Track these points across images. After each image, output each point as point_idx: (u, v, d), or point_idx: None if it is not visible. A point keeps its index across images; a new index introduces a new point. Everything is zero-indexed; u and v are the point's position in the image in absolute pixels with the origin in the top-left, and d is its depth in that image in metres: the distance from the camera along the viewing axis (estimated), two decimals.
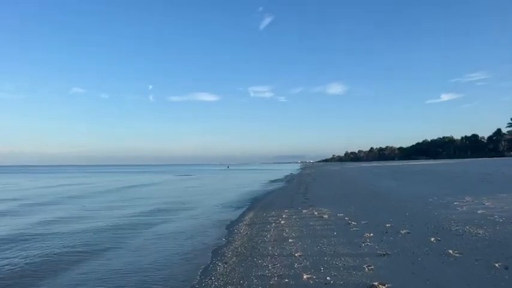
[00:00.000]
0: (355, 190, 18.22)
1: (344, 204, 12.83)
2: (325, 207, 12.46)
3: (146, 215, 14.22)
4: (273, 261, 6.34)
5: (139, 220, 13.05)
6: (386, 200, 12.99)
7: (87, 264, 7.44)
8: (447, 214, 9.15)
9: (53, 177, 61.04)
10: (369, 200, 13.62)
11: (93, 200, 20.91)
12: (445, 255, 5.72)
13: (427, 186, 17.19)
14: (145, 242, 9.41)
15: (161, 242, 9.33)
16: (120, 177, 58.32)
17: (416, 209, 10.31)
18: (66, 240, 9.70)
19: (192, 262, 7.28)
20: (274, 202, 16.31)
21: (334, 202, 13.95)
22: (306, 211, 12.04)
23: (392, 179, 23.10)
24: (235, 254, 7.23)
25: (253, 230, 9.71)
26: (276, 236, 8.55)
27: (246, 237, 8.92)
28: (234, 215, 13.33)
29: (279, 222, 10.34)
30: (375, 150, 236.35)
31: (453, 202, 11.02)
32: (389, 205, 11.76)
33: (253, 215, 12.75)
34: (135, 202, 19.19)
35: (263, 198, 18.91)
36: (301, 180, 34.57)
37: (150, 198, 21.03)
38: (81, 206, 17.49)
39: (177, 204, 17.58)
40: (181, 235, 10.16)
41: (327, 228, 8.77)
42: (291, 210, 12.57)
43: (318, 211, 11.75)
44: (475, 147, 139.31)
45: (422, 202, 11.60)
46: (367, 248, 6.59)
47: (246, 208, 15.11)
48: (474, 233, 6.96)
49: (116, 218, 13.42)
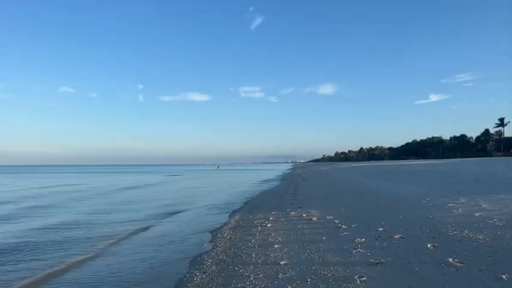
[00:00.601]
0: (346, 191, 17.71)
1: (334, 206, 12.29)
2: (314, 209, 11.91)
3: (124, 219, 13.49)
4: (256, 270, 5.73)
5: (118, 224, 12.32)
6: (378, 201, 12.49)
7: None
8: (443, 217, 8.64)
9: (24, 178, 59.61)
10: (360, 201, 13.11)
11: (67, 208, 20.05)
12: (445, 264, 5.17)
13: (419, 186, 16.74)
14: (121, 249, 8.72)
15: (134, 249, 8.65)
16: (106, 179, 57.20)
17: (410, 211, 9.80)
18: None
19: (166, 272, 6.62)
20: (262, 203, 15.72)
21: (323, 203, 13.42)
22: (294, 213, 11.47)
23: (383, 180, 22.66)
24: (215, 262, 6.60)
25: (238, 234, 9.09)
26: (261, 241, 7.95)
27: (230, 242, 8.29)
28: (219, 218, 12.68)
29: (265, 226, 9.74)
30: (364, 150, 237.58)
31: (448, 204, 10.52)
32: (381, 207, 11.25)
33: (239, 217, 12.13)
34: (119, 207, 18.42)
35: (250, 200, 18.29)
36: (291, 180, 34.04)
37: (133, 202, 20.27)
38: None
39: (160, 208, 16.85)
40: (158, 240, 9.48)
41: (316, 233, 8.20)
42: (278, 212, 11.99)
43: (307, 213, 11.19)
44: (463, 147, 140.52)
45: (416, 204, 11.11)
46: (359, 256, 6.02)
47: (232, 210, 14.47)
48: (474, 239, 6.43)
49: (86, 221, 12.69)
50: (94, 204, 18.24)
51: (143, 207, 16.81)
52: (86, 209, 16.28)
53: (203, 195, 23.09)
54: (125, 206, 17.14)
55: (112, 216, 13.99)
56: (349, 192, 16.65)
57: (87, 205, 17.72)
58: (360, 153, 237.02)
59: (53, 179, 54.43)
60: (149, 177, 56.21)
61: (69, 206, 17.61)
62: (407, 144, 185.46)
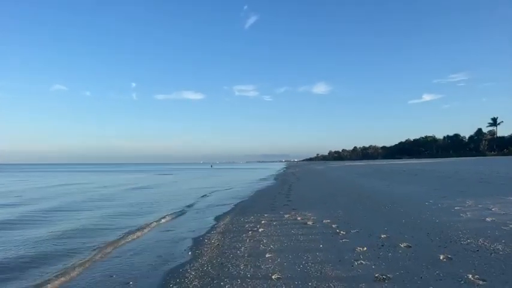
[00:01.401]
0: (342, 191, 16.99)
1: (330, 208, 11.55)
2: (309, 211, 11.15)
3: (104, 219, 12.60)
4: (244, 286, 4.94)
5: (94, 226, 11.43)
6: (377, 203, 11.76)
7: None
8: (451, 222, 7.90)
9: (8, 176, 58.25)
10: (358, 202, 12.39)
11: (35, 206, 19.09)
12: (464, 282, 4.41)
13: (418, 187, 16.03)
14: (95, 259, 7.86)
15: (110, 260, 7.79)
16: (94, 177, 56.10)
17: (413, 215, 9.07)
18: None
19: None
20: (254, 205, 14.94)
21: (319, 205, 12.67)
22: (288, 216, 10.70)
23: (380, 179, 21.97)
24: (198, 276, 5.79)
25: (226, 240, 8.29)
26: (251, 248, 7.16)
27: (217, 250, 7.48)
28: (207, 221, 11.86)
29: (256, 230, 8.96)
30: (358, 149, 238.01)
31: (454, 207, 9.78)
32: (381, 209, 10.52)
33: (228, 220, 11.31)
34: (99, 204, 17.51)
35: (242, 201, 17.49)
36: (284, 179, 33.29)
37: (120, 199, 19.37)
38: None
39: (144, 208, 15.98)
40: (137, 246, 8.63)
41: (312, 239, 7.43)
42: (271, 215, 11.21)
43: (302, 216, 10.44)
44: (456, 146, 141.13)
45: (418, 206, 10.39)
46: (362, 269, 5.26)
47: (223, 212, 13.64)
48: (492, 249, 5.69)
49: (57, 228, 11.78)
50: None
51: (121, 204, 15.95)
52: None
53: (191, 194, 22.23)
54: (105, 203, 16.26)
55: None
56: (345, 193, 15.93)
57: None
58: (354, 153, 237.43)
59: (43, 178, 53.18)
60: (136, 176, 55.13)
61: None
62: (400, 143, 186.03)
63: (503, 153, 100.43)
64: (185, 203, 16.99)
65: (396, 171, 26.96)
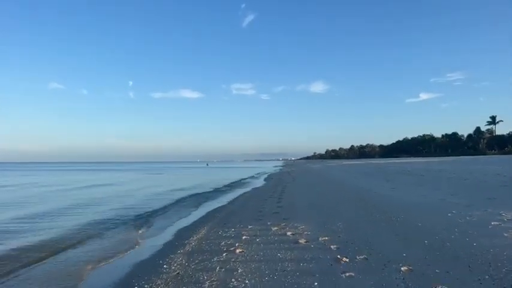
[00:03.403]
0: (341, 195, 14.86)
1: (328, 218, 9.46)
2: (302, 223, 9.08)
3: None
4: None
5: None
6: (385, 213, 9.66)
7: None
8: (496, 247, 5.76)
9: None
10: (361, 211, 10.31)
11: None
12: None
13: (430, 191, 13.78)
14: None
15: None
16: (82, 176, 53.93)
17: (437, 232, 6.96)
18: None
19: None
20: (239, 211, 12.83)
21: (314, 214, 10.58)
22: (276, 229, 8.62)
23: (383, 180, 19.77)
24: None
25: (190, 267, 6.17)
26: (219, 283, 5.06)
27: (173, 283, 5.37)
28: (177, 234, 9.72)
29: (233, 251, 6.87)
30: (355, 148, 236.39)
31: (489, 221, 7.55)
32: (392, 222, 8.42)
33: (203, 233, 9.13)
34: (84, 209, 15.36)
35: (227, 205, 15.37)
36: (279, 179, 31.16)
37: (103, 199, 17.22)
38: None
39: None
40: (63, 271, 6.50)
41: (304, 270, 5.34)
42: (256, 226, 9.13)
43: (293, 229, 8.37)
44: (455, 145, 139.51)
45: (439, 218, 8.27)
46: None
47: (200, 220, 11.51)
48: None
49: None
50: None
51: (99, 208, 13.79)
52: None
53: (171, 194, 20.06)
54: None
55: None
56: (346, 198, 13.82)
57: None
58: (351, 151, 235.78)
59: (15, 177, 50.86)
60: (127, 175, 52.95)
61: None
62: (398, 142, 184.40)
63: (504, 151, 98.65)
64: (162, 205, 14.82)
65: (400, 171, 24.70)
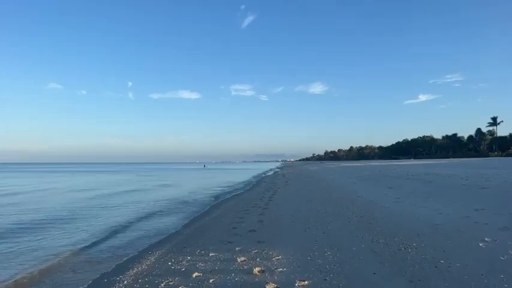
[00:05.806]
0: (336, 206, 12.35)
1: (316, 243, 7.01)
2: (280, 249, 6.66)
3: None
4: None
5: None
6: (392, 237, 7.17)
7: None
8: None
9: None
10: (359, 232, 7.84)
11: None
12: None
13: (446, 203, 10.94)
14: None
15: None
16: (71, 178, 51.44)
17: (478, 280, 4.48)
18: None
19: None
20: (210, 226, 10.37)
21: (300, 234, 8.12)
22: (242, 260, 6.17)
23: (385, 188, 17.19)
24: None
25: None
26: None
27: None
28: (111, 268, 7.24)
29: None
30: (354, 149, 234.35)
31: None
32: (403, 255, 5.94)
33: (149, 264, 6.63)
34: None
35: (198, 217, 12.91)
36: (271, 183, 28.64)
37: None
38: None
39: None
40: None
41: None
42: (219, 255, 6.67)
43: (264, 262, 5.93)
44: (455, 146, 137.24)
45: (472, 252, 5.77)
46: None
47: (154, 243, 9.01)
48: None
49: None
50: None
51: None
52: None
53: (141, 207, 17.59)
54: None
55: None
56: (340, 210, 11.33)
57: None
58: (350, 153, 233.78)
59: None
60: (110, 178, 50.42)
61: None
62: (397, 143, 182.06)
63: (508, 153, 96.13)
64: (108, 220, 12.34)
65: (403, 175, 22.05)
